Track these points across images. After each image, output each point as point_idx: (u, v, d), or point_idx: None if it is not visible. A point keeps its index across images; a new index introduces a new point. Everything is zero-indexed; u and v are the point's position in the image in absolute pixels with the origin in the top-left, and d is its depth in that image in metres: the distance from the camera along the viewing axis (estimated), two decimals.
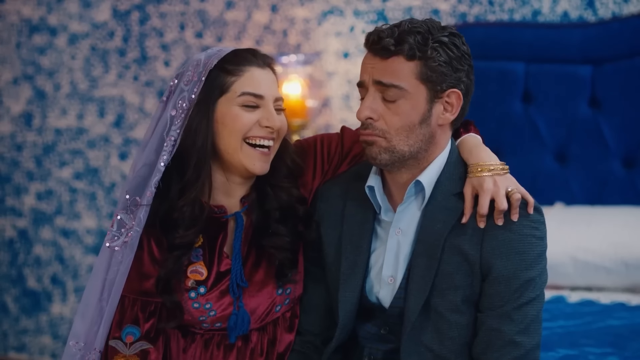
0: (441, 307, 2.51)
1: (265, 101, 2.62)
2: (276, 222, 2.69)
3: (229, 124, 2.60)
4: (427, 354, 2.52)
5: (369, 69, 2.50)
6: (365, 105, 2.49)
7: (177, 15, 5.16)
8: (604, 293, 3.95)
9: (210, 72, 2.60)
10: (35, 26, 5.37)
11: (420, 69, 2.47)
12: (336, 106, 4.94)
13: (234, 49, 2.67)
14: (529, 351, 2.47)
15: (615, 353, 3.19)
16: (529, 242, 2.48)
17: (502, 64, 4.54)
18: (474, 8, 4.70)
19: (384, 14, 4.83)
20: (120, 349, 2.60)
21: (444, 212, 2.52)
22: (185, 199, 2.60)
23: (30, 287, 5.51)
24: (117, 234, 2.60)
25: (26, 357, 5.55)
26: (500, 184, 2.50)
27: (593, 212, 4.23)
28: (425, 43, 2.47)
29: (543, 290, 2.52)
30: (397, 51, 2.46)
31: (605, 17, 4.49)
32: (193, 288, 2.63)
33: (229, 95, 2.60)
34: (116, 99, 5.29)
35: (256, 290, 2.68)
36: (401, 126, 2.49)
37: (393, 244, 2.59)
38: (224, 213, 2.68)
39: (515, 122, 4.51)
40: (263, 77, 2.64)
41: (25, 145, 5.45)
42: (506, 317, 2.46)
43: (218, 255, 2.67)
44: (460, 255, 2.49)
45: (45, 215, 5.46)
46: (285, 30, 5.00)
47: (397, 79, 2.47)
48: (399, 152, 2.50)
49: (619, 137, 4.38)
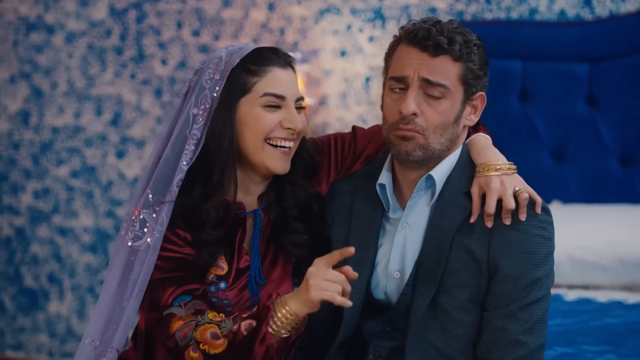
0: (447, 305, 2.51)
1: (287, 102, 2.61)
2: (294, 219, 2.69)
3: (251, 125, 2.59)
4: (431, 351, 2.52)
5: (414, 65, 2.49)
6: (411, 100, 2.49)
7: (174, 13, 5.16)
8: (601, 291, 3.95)
9: (232, 70, 2.58)
10: (32, 24, 5.37)
11: (463, 71, 2.51)
12: (333, 104, 4.94)
13: (256, 47, 2.64)
14: (534, 351, 2.46)
15: (613, 351, 3.19)
16: (536, 242, 2.48)
17: (500, 62, 4.53)
18: (471, 6, 4.70)
19: (381, 12, 4.83)
20: (177, 313, 2.56)
21: (453, 209, 2.53)
22: (212, 202, 2.59)
23: (27, 285, 5.51)
24: (140, 234, 2.58)
25: (23, 356, 5.54)
26: (507, 183, 2.50)
27: (590, 210, 4.23)
28: (468, 45, 2.51)
29: (549, 291, 2.51)
30: (448, 50, 2.48)
31: (603, 15, 4.49)
32: (213, 282, 2.63)
33: (251, 96, 2.59)
34: (113, 97, 5.28)
35: (273, 287, 2.67)
36: (439, 124, 2.50)
37: (400, 239, 2.59)
38: (243, 210, 2.68)
39: (513, 120, 4.52)
40: (285, 78, 2.62)
41: (22, 143, 5.44)
42: (512, 317, 2.46)
43: (238, 251, 2.66)
44: (467, 254, 2.50)
45: (42, 214, 5.45)
46: (282, 29, 5.00)
47: (444, 78, 2.49)
48: (432, 149, 2.52)
49: (616, 135, 4.38)
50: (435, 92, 2.49)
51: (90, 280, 5.37)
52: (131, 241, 2.58)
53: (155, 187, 2.58)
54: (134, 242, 2.58)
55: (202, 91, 2.59)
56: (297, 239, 2.68)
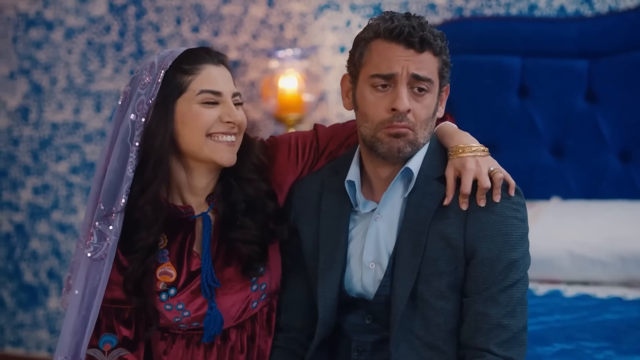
0: (427, 294, 2.52)
1: (223, 97, 2.61)
2: (242, 214, 2.68)
3: (190, 123, 2.59)
4: (415, 341, 2.53)
5: (401, 61, 2.51)
6: (404, 97, 2.50)
7: (173, 9, 5.16)
8: (601, 287, 3.95)
9: (166, 73, 2.59)
10: (31, 20, 5.37)
11: (441, 65, 2.54)
12: (332, 100, 4.94)
13: (187, 49, 2.66)
14: (516, 333, 2.48)
15: (612, 347, 3.19)
16: (511, 223, 2.49)
17: (499, 58, 4.54)
18: (470, 2, 4.70)
19: (380, 8, 4.83)
20: (98, 357, 2.61)
21: (427, 197, 2.54)
22: (144, 197, 2.59)
23: (26, 281, 5.51)
24: (99, 245, 2.60)
25: (22, 352, 5.55)
26: (482, 163, 2.52)
27: (589, 206, 4.23)
28: (442, 39, 2.55)
29: (527, 273, 2.53)
30: (430, 45, 2.51)
31: (602, 11, 4.49)
32: (164, 290, 2.64)
33: (187, 95, 2.59)
34: (112, 94, 5.28)
35: (229, 288, 2.67)
36: (425, 119, 2.53)
37: (373, 230, 2.60)
38: (191, 213, 2.68)
39: (512, 116, 4.51)
40: (219, 74, 2.63)
41: (22, 139, 5.45)
42: (492, 301, 2.47)
43: (187, 255, 2.67)
44: (443, 241, 2.51)
45: (41, 210, 5.46)
46: (281, 25, 5.00)
47: (430, 73, 2.52)
48: (418, 144, 2.55)
49: (615, 131, 4.38)
50: (424, 87, 2.51)
51: None
52: (91, 254, 2.60)
53: (106, 198, 2.59)
54: (94, 254, 2.60)
55: (138, 97, 2.60)
56: (244, 235, 2.67)
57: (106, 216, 2.59)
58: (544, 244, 3.99)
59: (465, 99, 4.52)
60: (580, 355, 3.13)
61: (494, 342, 2.46)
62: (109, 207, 2.59)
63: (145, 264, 2.61)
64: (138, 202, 2.59)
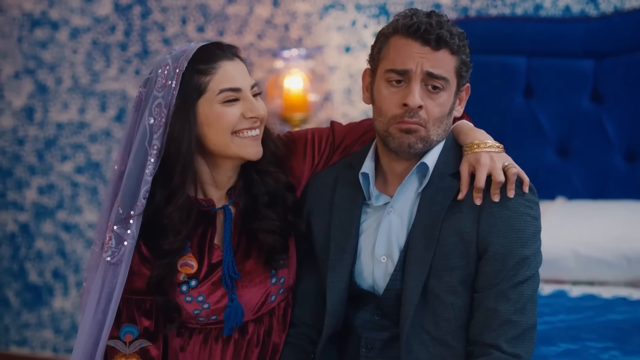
0: (438, 288, 2.53)
1: (243, 93, 2.61)
2: (265, 206, 2.70)
3: (214, 124, 2.59)
4: (424, 336, 2.54)
5: (416, 58, 2.52)
6: (416, 93, 2.51)
7: (178, 9, 5.16)
8: (606, 287, 3.95)
9: (183, 75, 2.58)
10: (36, 20, 5.37)
11: (458, 63, 2.56)
12: (338, 100, 4.94)
13: (200, 46, 2.65)
14: (526, 330, 2.49)
15: (617, 347, 3.19)
16: (524, 220, 2.51)
17: (504, 58, 4.54)
18: (475, 2, 4.70)
19: (385, 7, 4.83)
20: (120, 348, 2.60)
21: (441, 192, 2.56)
22: (173, 204, 2.59)
23: (31, 281, 5.52)
24: (117, 250, 2.59)
25: (27, 352, 5.55)
26: (496, 158, 2.54)
27: (595, 206, 4.23)
28: (462, 38, 2.57)
29: (538, 271, 2.54)
30: (446, 43, 2.52)
31: (607, 11, 4.49)
32: (185, 281, 2.64)
33: (207, 96, 2.59)
34: (118, 93, 5.29)
35: (249, 281, 2.68)
36: (439, 117, 2.55)
37: (386, 223, 2.61)
38: (212, 206, 2.68)
39: (517, 116, 4.51)
40: (236, 69, 2.63)
41: (27, 139, 5.45)
42: (502, 297, 2.48)
43: (208, 247, 2.67)
44: (456, 236, 2.52)
45: (46, 210, 5.46)
46: (287, 25, 4.99)
47: (445, 72, 2.53)
48: (430, 141, 2.56)
49: (621, 131, 4.37)
50: (437, 85, 2.52)
51: None
52: (109, 258, 2.59)
53: (124, 202, 2.59)
54: (112, 258, 2.59)
55: (155, 100, 2.58)
56: (267, 225, 2.69)
57: (124, 219, 2.58)
58: (549, 244, 3.94)
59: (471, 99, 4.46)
60: (585, 355, 3.13)
61: (503, 338, 2.47)
62: (127, 211, 2.58)
63: (170, 266, 2.61)
64: (167, 208, 2.59)
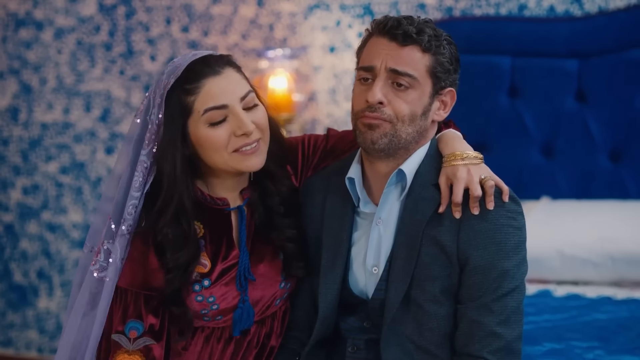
0: (420, 298, 2.51)
1: (230, 109, 2.54)
2: (281, 216, 2.69)
3: (205, 145, 2.56)
4: (408, 345, 2.53)
5: (382, 54, 2.52)
6: (377, 89, 2.50)
7: (163, 9, 5.15)
8: (590, 287, 3.95)
9: (171, 94, 2.54)
10: (21, 20, 5.36)
11: (432, 63, 2.53)
12: (322, 100, 4.94)
13: (189, 64, 2.56)
14: (510, 342, 2.48)
15: (601, 347, 3.19)
16: (505, 231, 2.48)
17: (489, 58, 4.54)
18: (460, 2, 4.70)
19: (370, 8, 4.83)
20: (123, 344, 2.55)
21: (422, 202, 2.54)
22: (162, 220, 2.55)
23: (16, 281, 5.50)
24: (105, 264, 2.57)
25: (12, 352, 5.54)
26: (473, 172, 2.51)
27: (579, 206, 4.23)
28: (438, 38, 2.53)
29: (523, 282, 2.53)
30: (416, 40, 2.50)
31: (592, 11, 4.50)
32: (197, 280, 2.60)
33: (194, 116, 2.54)
34: (102, 94, 5.27)
35: (260, 283, 2.67)
36: (407, 114, 2.52)
37: (375, 235, 2.60)
38: (227, 205, 2.66)
39: (502, 116, 4.51)
40: (220, 85, 2.55)
41: (11, 139, 5.43)
42: (486, 309, 2.47)
43: (225, 247, 2.65)
44: (437, 247, 2.50)
45: (31, 210, 5.45)
46: (271, 25, 4.99)
47: (412, 69, 2.51)
48: (398, 138, 2.53)
49: (605, 131, 4.38)
50: (403, 82, 2.50)
51: None
52: (97, 272, 2.57)
53: (114, 217, 2.58)
54: (100, 272, 2.56)
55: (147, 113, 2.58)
56: (287, 234, 2.68)
57: (115, 235, 2.56)
58: (534, 243, 3.94)
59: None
60: (570, 354, 3.13)
61: (487, 350, 2.46)
62: (115, 227, 2.56)
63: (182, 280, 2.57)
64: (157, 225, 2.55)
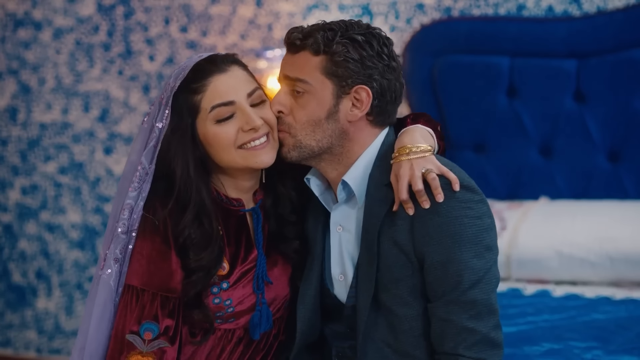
0: (389, 301, 2.49)
1: (237, 105, 2.55)
2: (292, 225, 2.69)
3: (213, 144, 2.56)
4: (385, 349, 2.52)
5: (282, 66, 2.55)
6: (275, 100, 2.54)
7: (161, 9, 5.15)
8: (589, 287, 3.96)
9: (178, 95, 2.55)
10: (19, 20, 5.36)
11: (326, 64, 2.49)
12: None
13: (195, 64, 2.57)
14: (485, 335, 2.43)
15: (600, 347, 3.19)
16: (460, 223, 2.41)
17: (487, 58, 4.54)
18: (458, 2, 4.70)
19: (368, 8, 4.83)
20: (137, 345, 2.52)
21: (376, 204, 2.51)
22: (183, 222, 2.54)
23: (15, 281, 5.50)
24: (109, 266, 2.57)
25: (11, 352, 5.53)
26: (416, 166, 2.46)
27: (578, 206, 4.23)
28: (332, 39, 2.49)
29: (492, 271, 2.46)
30: (302, 45, 2.50)
31: (590, 11, 4.50)
32: (216, 283, 2.59)
33: (202, 115, 2.55)
34: (101, 94, 5.27)
35: (274, 286, 2.67)
36: (307, 120, 2.51)
37: (335, 242, 2.60)
38: (242, 206, 2.66)
39: (500, 116, 4.51)
40: (227, 82, 2.56)
41: (10, 139, 5.43)
42: (454, 305, 2.42)
43: (244, 249, 2.64)
44: (395, 247, 2.47)
45: (30, 210, 5.44)
46: (270, 25, 4.99)
47: (302, 73, 2.50)
48: (306, 147, 2.53)
49: (603, 131, 4.38)
50: (297, 88, 2.51)
51: (79, 277, 5.37)
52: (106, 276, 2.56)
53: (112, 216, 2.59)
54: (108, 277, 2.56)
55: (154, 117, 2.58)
56: (294, 246, 2.68)
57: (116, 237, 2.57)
58: (532, 243, 4.00)
59: (454, 99, 4.53)
60: (569, 354, 3.13)
61: (462, 346, 2.42)
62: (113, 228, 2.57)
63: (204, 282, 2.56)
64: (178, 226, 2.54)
